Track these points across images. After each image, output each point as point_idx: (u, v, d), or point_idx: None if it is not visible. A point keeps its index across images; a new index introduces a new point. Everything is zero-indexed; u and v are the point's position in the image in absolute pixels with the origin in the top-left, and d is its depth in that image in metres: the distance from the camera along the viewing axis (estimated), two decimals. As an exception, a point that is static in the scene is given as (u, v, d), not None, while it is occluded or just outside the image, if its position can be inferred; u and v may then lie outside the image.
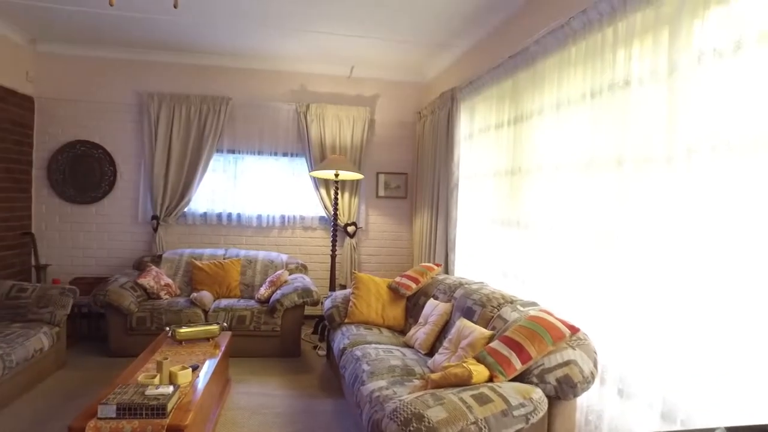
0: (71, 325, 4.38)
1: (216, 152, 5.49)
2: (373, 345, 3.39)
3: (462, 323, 2.98)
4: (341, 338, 3.66)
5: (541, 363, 2.28)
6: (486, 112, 4.11)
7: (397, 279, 4.19)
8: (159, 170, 5.32)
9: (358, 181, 5.71)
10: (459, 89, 4.52)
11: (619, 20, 2.35)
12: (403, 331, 3.94)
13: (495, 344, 2.41)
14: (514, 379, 2.28)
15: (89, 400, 3.33)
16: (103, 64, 5.38)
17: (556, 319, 2.43)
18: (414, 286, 4.07)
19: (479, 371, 2.19)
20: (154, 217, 5.37)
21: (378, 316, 3.97)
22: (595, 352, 2.31)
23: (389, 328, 3.94)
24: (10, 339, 3.39)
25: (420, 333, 3.49)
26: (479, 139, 4.23)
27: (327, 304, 4.22)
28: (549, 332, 2.32)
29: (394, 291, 4.09)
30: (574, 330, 2.37)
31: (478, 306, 3.10)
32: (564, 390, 2.15)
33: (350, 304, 4.04)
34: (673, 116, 2.03)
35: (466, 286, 3.49)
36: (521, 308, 2.81)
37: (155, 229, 5.39)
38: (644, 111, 2.22)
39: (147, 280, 4.53)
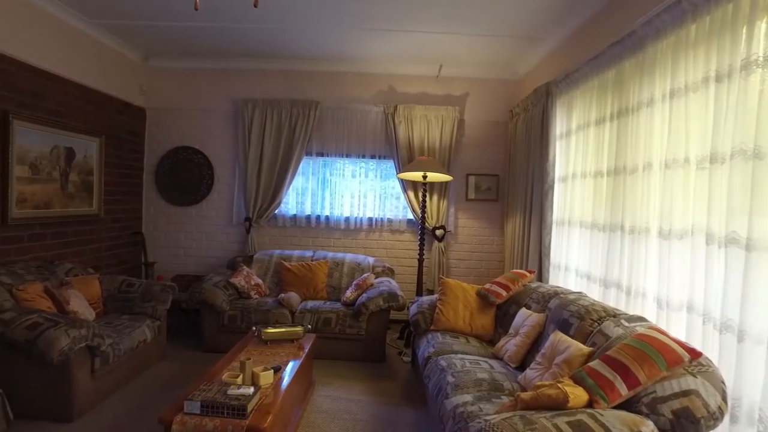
0: (172, 319, 4.62)
1: (305, 155, 5.59)
2: (459, 355, 3.19)
3: (557, 337, 2.71)
4: (426, 346, 3.51)
5: (652, 390, 1.95)
6: (584, 106, 3.76)
7: (487, 286, 3.95)
8: (252, 174, 5.52)
9: (447, 183, 5.53)
10: (554, 83, 4.19)
11: (756, -14, 1.97)
12: (491, 341, 3.70)
13: (595, 364, 2.12)
14: (618, 407, 1.98)
15: (183, 392, 3.48)
16: (203, 75, 5.70)
17: (671, 339, 2.09)
18: (504, 293, 3.82)
19: (577, 394, 1.93)
20: (247, 219, 5.58)
21: (465, 324, 3.76)
22: (723, 383, 1.93)
23: (477, 337, 3.72)
24: (119, 329, 3.63)
25: (510, 345, 3.24)
26: (577, 137, 3.88)
27: (413, 309, 4.09)
28: (662, 355, 1.99)
29: (483, 298, 3.86)
30: (694, 354, 2.01)
31: (576, 318, 2.80)
32: (683, 425, 1.82)
33: (437, 310, 3.87)
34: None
35: (562, 296, 3.19)
36: (626, 324, 2.47)
37: (248, 231, 5.60)
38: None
39: (238, 280, 4.68)
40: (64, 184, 4.44)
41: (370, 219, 5.69)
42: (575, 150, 3.91)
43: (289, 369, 2.99)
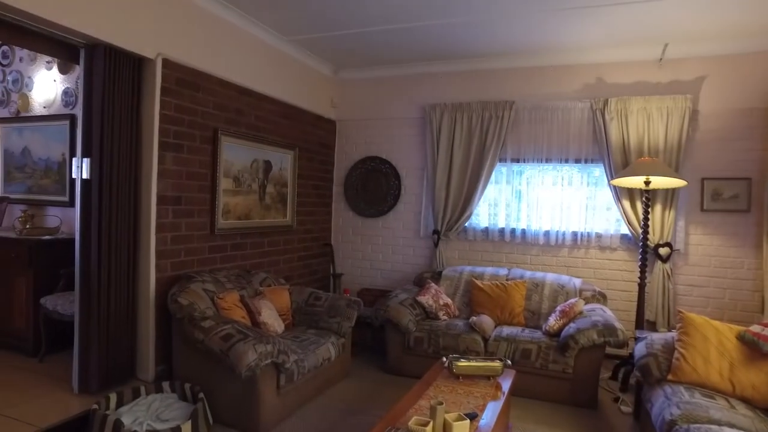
0: (356, 334, 4.44)
1: (498, 162, 5.02)
2: (726, 429, 2.27)
3: None
4: (665, 403, 2.63)
5: None
6: None
7: (755, 329, 2.88)
8: (440, 183, 5.15)
9: (673, 190, 4.43)
10: None
11: None
12: None
13: None
14: None
15: (365, 419, 3.24)
16: (390, 83, 5.56)
17: None
18: (787, 341, 2.72)
19: None
20: (435, 232, 5.22)
21: (723, 379, 2.77)
22: None
23: (744, 401, 2.69)
24: (304, 345, 3.51)
25: (811, 421, 2.21)
26: None
27: (639, 349, 3.20)
28: None
29: (751, 345, 2.81)
30: None
31: None
32: None
33: (676, 354, 2.94)
34: None
35: None
36: None
37: (436, 244, 5.23)
38: None
39: (426, 299, 4.30)
40: (262, 196, 4.61)
41: (575, 233, 4.86)
42: None
43: (488, 417, 2.44)
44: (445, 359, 3.03)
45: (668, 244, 4.50)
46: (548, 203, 4.95)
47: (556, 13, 3.92)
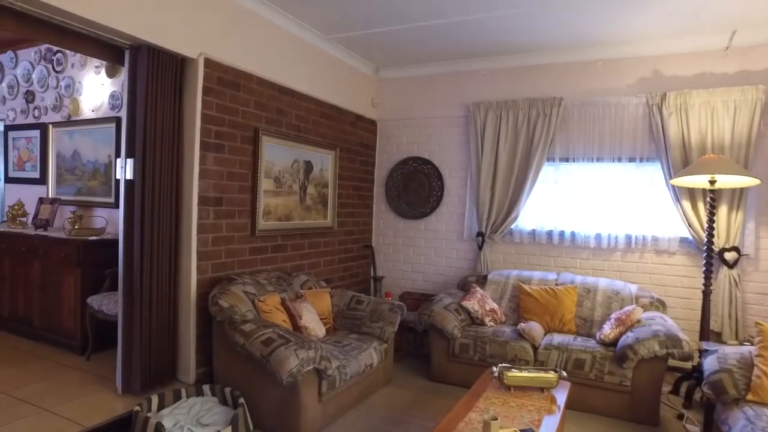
0: (397, 339, 4.31)
1: (546, 161, 4.78)
2: (822, 456, 2.01)
3: None
4: (747, 427, 2.37)
5: None
6: None
7: None
8: (485, 184, 4.96)
9: (741, 189, 4.09)
10: None
11: None
12: None
13: None
14: None
15: (409, 429, 3.10)
16: (432, 81, 5.42)
17: None
18: None
19: None
20: (479, 234, 5.02)
21: (812, 399, 2.48)
22: None
23: (838, 424, 2.40)
24: (346, 350, 3.40)
25: None
26: None
27: (710, 363, 2.92)
28: None
29: (841, 361, 2.52)
30: None
31: None
32: None
33: (756, 371, 2.66)
34: None
35: None
36: None
37: (480, 247, 5.04)
38: None
39: (471, 303, 4.12)
40: (303, 197, 4.54)
41: (628, 236, 4.56)
42: None
43: (544, 433, 2.26)
44: (494, 369, 2.85)
45: (735, 249, 4.16)
46: (600, 204, 4.67)
47: (610, 3, 3.68)
